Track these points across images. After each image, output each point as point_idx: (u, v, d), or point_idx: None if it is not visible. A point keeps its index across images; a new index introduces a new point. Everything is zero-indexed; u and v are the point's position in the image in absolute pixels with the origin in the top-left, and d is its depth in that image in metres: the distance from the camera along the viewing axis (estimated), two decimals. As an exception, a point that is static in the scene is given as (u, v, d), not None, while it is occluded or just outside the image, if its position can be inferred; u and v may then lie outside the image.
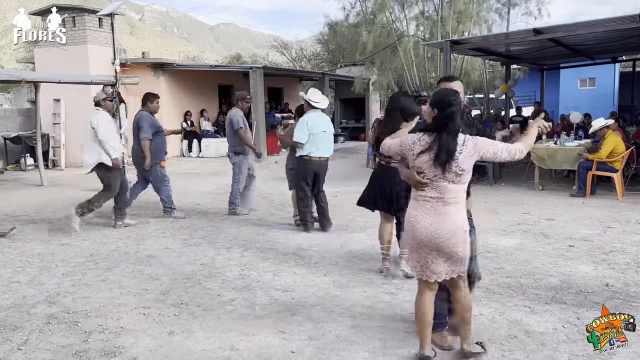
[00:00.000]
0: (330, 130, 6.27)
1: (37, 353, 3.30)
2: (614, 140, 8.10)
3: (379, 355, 3.18)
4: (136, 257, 5.36)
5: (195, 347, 3.34)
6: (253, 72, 14.13)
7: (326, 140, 6.19)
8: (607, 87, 21.32)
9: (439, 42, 11.12)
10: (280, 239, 5.99)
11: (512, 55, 12.10)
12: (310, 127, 6.07)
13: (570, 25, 8.69)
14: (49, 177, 11.32)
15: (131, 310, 3.94)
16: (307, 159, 6.11)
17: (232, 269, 4.92)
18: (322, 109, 6.33)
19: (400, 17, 14.54)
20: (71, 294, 4.32)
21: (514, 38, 9.60)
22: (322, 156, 6.17)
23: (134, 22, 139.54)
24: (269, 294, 4.25)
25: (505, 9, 14.45)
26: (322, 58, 31.01)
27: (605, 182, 8.81)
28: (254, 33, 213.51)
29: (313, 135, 6.06)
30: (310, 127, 6.07)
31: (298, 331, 3.53)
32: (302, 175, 6.22)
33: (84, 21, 13.29)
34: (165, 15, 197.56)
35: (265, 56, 38.90)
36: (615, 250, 5.29)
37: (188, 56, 44.64)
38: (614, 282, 4.38)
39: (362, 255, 5.26)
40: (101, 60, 13.21)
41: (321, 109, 6.29)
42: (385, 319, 3.71)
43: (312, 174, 6.19)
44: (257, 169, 11.69)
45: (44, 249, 5.74)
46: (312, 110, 6.19)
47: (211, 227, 6.63)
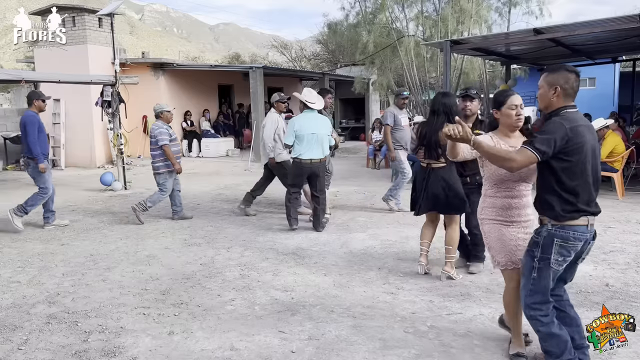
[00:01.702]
0: (321, 131, 6.12)
1: (37, 353, 3.30)
2: (614, 140, 8.10)
3: (378, 355, 3.18)
4: (136, 257, 5.36)
5: (195, 347, 3.34)
6: (253, 72, 14.14)
7: (316, 142, 6.08)
8: (607, 87, 21.30)
9: (438, 42, 11.11)
10: (280, 239, 5.99)
11: (512, 55, 12.09)
12: (297, 129, 6.08)
13: (570, 25, 8.69)
14: (49, 177, 11.31)
15: (131, 310, 3.94)
16: (298, 161, 6.14)
17: (232, 269, 4.92)
18: (319, 109, 6.28)
19: (400, 17, 14.54)
20: (71, 294, 4.32)
21: (514, 38, 9.59)
22: (313, 158, 6.10)
23: (133, 22, 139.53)
24: (268, 293, 4.25)
25: (505, 8, 14.44)
26: (322, 58, 31.03)
27: (605, 182, 8.79)
28: (253, 33, 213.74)
29: (301, 137, 6.05)
30: (298, 129, 6.09)
31: (298, 331, 3.53)
32: (292, 176, 6.27)
33: (83, 21, 13.29)
34: (165, 15, 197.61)
35: (265, 56, 38.93)
36: (615, 250, 5.29)
37: (188, 56, 44.68)
38: (614, 282, 4.38)
39: (362, 255, 5.26)
40: (101, 60, 13.21)
41: (318, 110, 6.26)
42: (385, 319, 3.71)
43: (303, 175, 6.20)
44: (257, 169, 11.71)
45: (44, 249, 5.74)
46: (306, 110, 6.18)
47: (211, 227, 6.63)
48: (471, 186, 4.52)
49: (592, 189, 2.74)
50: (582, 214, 2.70)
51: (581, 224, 2.71)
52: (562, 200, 2.70)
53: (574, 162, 2.67)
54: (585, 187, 2.70)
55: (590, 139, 2.70)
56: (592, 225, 2.75)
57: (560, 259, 2.73)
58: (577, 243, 2.73)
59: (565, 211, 2.70)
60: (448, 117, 4.27)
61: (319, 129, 6.12)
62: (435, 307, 3.91)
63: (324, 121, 6.26)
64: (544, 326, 2.80)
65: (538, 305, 2.81)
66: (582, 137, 2.66)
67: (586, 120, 2.80)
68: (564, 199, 2.70)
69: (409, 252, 5.24)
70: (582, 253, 2.81)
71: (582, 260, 2.88)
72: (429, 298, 4.09)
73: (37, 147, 6.48)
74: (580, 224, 2.71)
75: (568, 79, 2.72)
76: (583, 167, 2.68)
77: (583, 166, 2.68)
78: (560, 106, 2.74)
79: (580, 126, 2.67)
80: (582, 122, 2.72)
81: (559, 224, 2.72)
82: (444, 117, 4.33)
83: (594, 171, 2.75)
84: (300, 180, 6.30)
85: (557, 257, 2.73)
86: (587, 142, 2.67)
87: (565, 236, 2.71)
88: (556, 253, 2.73)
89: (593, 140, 2.73)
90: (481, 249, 4.64)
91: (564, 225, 2.71)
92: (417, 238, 5.76)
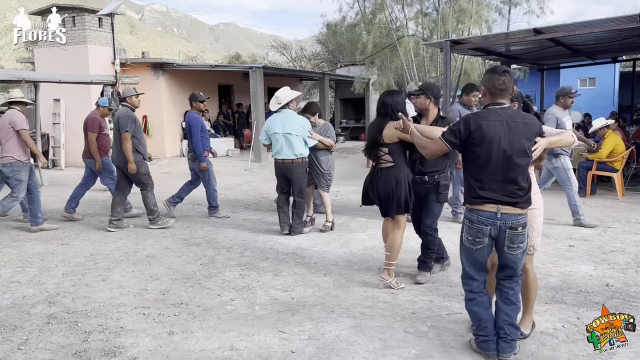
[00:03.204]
0: (287, 131, 5.90)
1: (37, 353, 3.29)
2: (614, 140, 8.10)
3: (378, 355, 3.18)
4: (136, 257, 5.36)
5: (195, 347, 3.33)
6: (253, 72, 14.14)
7: (282, 142, 5.93)
8: (607, 87, 21.31)
9: (438, 42, 11.11)
10: (280, 238, 5.99)
11: (512, 55, 12.07)
12: (266, 129, 6.08)
13: (570, 25, 8.68)
14: (49, 177, 11.33)
15: (131, 310, 3.94)
16: (275, 160, 6.13)
17: (232, 269, 4.92)
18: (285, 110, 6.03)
19: (400, 16, 14.55)
20: (71, 294, 4.32)
21: (514, 38, 9.59)
22: (284, 158, 5.96)
23: (133, 22, 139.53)
24: (268, 293, 4.25)
25: (506, 7, 14.44)
26: (322, 58, 31.01)
27: (605, 182, 8.81)
28: (253, 33, 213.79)
29: (271, 137, 6.03)
30: (267, 127, 6.08)
31: (298, 331, 3.53)
32: (276, 176, 6.21)
33: (83, 21, 13.29)
34: (165, 15, 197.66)
35: (265, 56, 38.87)
36: (615, 250, 5.29)
37: (188, 56, 44.62)
38: (614, 282, 4.38)
39: (362, 255, 5.26)
40: (101, 60, 13.21)
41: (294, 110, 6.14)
42: (385, 319, 3.71)
43: (279, 176, 6.10)
44: (257, 169, 11.71)
45: (44, 249, 5.73)
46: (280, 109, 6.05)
47: (211, 227, 6.63)
48: (429, 185, 4.38)
49: (500, 178, 2.95)
50: (485, 200, 2.97)
51: (486, 209, 2.97)
52: (469, 186, 3.06)
53: (479, 152, 2.97)
54: (491, 175, 2.95)
55: (498, 133, 2.91)
56: (507, 214, 2.94)
57: (470, 238, 3.04)
58: (482, 227, 2.98)
59: (470, 195, 3.06)
60: (391, 116, 4.17)
61: (285, 128, 5.91)
62: (435, 307, 3.91)
63: (293, 121, 5.96)
64: (468, 301, 3.15)
65: (466, 281, 3.15)
66: (485, 130, 2.93)
67: (510, 116, 2.97)
68: (471, 185, 3.05)
69: (409, 252, 5.24)
70: (504, 240, 2.97)
71: (511, 248, 2.98)
72: (429, 298, 4.09)
73: (200, 148, 6.98)
74: (484, 210, 2.98)
75: (490, 80, 3.03)
76: (487, 157, 2.94)
77: (488, 156, 2.94)
78: (487, 103, 3.08)
79: (487, 120, 2.94)
80: (496, 117, 2.95)
81: (469, 207, 3.08)
82: (387, 117, 4.21)
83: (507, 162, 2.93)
84: (282, 181, 6.11)
85: (468, 236, 3.05)
86: (494, 135, 2.91)
87: (470, 218, 3.04)
88: (466, 232, 3.08)
89: (506, 134, 2.92)
90: (431, 255, 4.49)
91: (470, 209, 3.05)
92: (416, 238, 5.76)
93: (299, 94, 6.28)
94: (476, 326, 3.13)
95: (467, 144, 3.01)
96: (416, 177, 4.38)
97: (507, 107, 3.01)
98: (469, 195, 3.07)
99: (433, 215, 4.45)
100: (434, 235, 4.47)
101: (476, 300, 3.10)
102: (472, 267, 3.09)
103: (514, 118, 2.97)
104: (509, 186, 2.94)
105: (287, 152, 5.95)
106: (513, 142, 2.92)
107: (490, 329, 3.06)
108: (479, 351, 3.11)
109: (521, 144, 2.93)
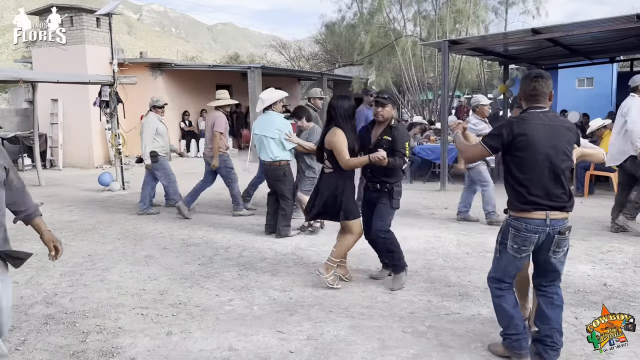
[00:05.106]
0: (262, 132, 5.91)
1: (34, 353, 3.29)
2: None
3: (377, 355, 3.17)
4: (134, 257, 5.35)
5: (194, 347, 3.33)
6: (251, 72, 14.12)
7: (259, 144, 5.99)
8: (604, 87, 21.33)
9: (437, 42, 11.12)
10: (279, 239, 5.98)
11: (510, 55, 12.08)
12: (253, 129, 6.19)
13: (568, 25, 8.69)
14: (47, 177, 11.30)
15: (129, 311, 3.93)
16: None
17: (230, 269, 4.91)
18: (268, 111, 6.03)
19: (398, 17, 14.57)
20: (69, 294, 4.31)
21: (512, 38, 9.59)
22: (264, 160, 6.02)
23: (131, 22, 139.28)
24: (267, 294, 4.24)
25: (502, 8, 14.48)
26: (320, 58, 31.00)
27: (603, 182, 8.82)
28: (252, 33, 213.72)
29: (253, 138, 6.11)
30: (253, 129, 6.20)
31: (296, 331, 3.52)
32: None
33: (81, 21, 13.26)
34: (163, 15, 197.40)
35: (264, 56, 38.84)
36: (613, 250, 5.30)
37: (186, 56, 44.56)
38: (611, 281, 4.38)
39: (360, 255, 5.25)
40: (99, 60, 13.18)
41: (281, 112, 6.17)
42: (383, 319, 3.70)
43: (265, 176, 6.19)
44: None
45: (42, 249, 5.70)
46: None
47: (209, 227, 6.62)
48: (379, 192, 4.27)
49: (547, 183, 2.86)
50: (534, 206, 2.86)
51: (536, 217, 2.86)
52: (515, 192, 2.93)
53: (523, 157, 2.88)
54: (538, 180, 2.86)
55: (542, 136, 2.85)
56: (555, 220, 2.86)
57: (516, 246, 2.93)
58: (531, 235, 2.88)
59: (517, 201, 2.92)
60: (336, 120, 4.16)
61: (262, 130, 5.94)
62: (433, 307, 3.91)
63: (271, 123, 5.92)
64: (497, 298, 3.09)
65: (495, 281, 3.09)
66: (529, 134, 2.85)
67: (551, 119, 2.92)
68: (516, 191, 2.92)
69: (408, 252, 5.22)
70: (549, 245, 2.89)
71: (557, 253, 2.93)
72: (427, 298, 4.09)
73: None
74: (534, 217, 2.86)
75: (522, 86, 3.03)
76: (533, 162, 2.85)
77: (534, 161, 2.85)
78: (525, 108, 3.01)
79: (530, 124, 2.87)
80: (538, 120, 2.89)
81: (514, 214, 2.95)
82: (332, 122, 4.20)
83: (552, 165, 2.85)
84: (268, 182, 6.15)
85: (513, 245, 2.94)
86: (539, 139, 2.84)
87: (517, 227, 2.91)
88: (511, 240, 2.95)
89: (550, 137, 2.86)
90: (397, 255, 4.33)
91: (517, 217, 2.92)
92: (416, 238, 5.77)
93: (283, 96, 6.23)
94: (505, 325, 3.05)
95: (510, 148, 2.91)
96: (368, 184, 4.37)
97: (547, 110, 2.95)
98: (515, 201, 2.93)
99: (383, 219, 4.27)
100: (387, 236, 4.30)
101: (505, 297, 3.04)
102: (508, 273, 3.03)
103: (555, 122, 2.92)
104: (555, 190, 2.87)
105: (263, 154, 6.02)
106: (557, 145, 2.87)
107: (521, 327, 3.01)
108: (508, 354, 3.04)
109: (564, 147, 2.89)
